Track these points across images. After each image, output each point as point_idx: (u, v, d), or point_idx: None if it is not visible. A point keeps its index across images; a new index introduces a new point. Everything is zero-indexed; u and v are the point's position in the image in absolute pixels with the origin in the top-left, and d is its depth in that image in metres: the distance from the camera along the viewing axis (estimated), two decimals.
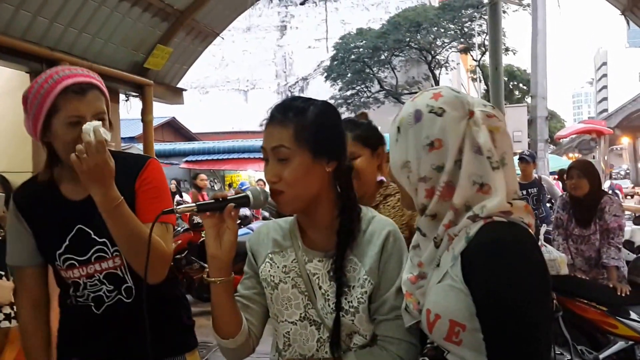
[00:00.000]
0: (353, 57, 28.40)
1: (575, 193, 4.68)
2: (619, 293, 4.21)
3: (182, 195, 13.21)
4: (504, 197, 1.28)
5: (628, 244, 7.04)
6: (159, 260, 1.81)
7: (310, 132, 1.48)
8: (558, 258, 4.38)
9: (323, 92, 27.24)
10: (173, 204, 1.91)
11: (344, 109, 26.85)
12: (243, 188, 12.80)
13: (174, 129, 25.62)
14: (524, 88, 38.93)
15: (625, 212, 6.58)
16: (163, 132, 23.39)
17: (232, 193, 1.54)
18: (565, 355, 4.13)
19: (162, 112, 14.58)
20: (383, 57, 28.39)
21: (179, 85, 7.78)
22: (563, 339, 4.11)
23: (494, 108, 1.38)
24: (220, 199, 1.46)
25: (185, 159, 17.96)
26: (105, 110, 1.82)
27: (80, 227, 1.86)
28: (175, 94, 7.70)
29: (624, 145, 32.31)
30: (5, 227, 3.38)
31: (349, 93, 29.29)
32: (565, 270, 4.45)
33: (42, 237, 1.90)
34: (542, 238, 4.97)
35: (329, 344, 1.51)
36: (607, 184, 12.79)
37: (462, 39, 28.82)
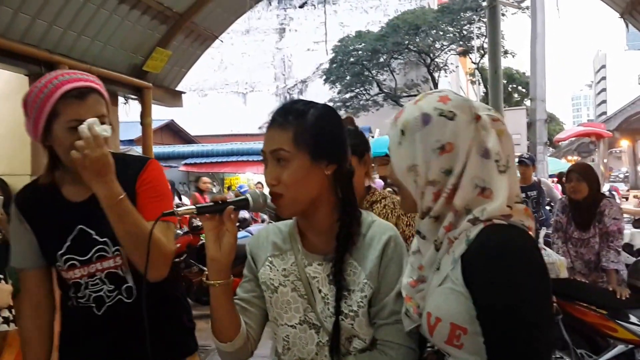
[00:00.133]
0: (352, 59, 28.48)
1: (575, 196, 4.68)
2: (619, 296, 4.21)
3: (181, 198, 13.15)
4: (505, 200, 1.28)
5: (627, 247, 7.05)
6: (161, 257, 1.82)
7: (310, 135, 1.48)
8: (557, 261, 4.38)
9: (322, 94, 27.29)
10: (174, 204, 1.91)
11: (343, 112, 26.82)
12: (242, 191, 12.80)
13: (173, 132, 25.58)
14: (523, 91, 39.05)
15: (625, 215, 6.59)
16: (162, 134, 23.35)
17: (231, 196, 1.54)
18: (565, 359, 4.13)
19: (160, 114, 14.55)
20: (382, 59, 28.47)
21: (178, 88, 7.77)
22: (563, 343, 4.11)
23: (496, 111, 1.39)
24: (220, 202, 1.46)
25: (184, 162, 17.93)
26: (106, 113, 1.83)
27: (82, 227, 1.87)
28: (174, 97, 7.69)
29: (624, 148, 32.26)
30: (4, 230, 3.38)
31: (348, 96, 29.36)
32: (565, 274, 4.45)
33: (43, 238, 1.91)
34: (541, 241, 4.97)
35: (329, 348, 1.51)
36: (606, 187, 12.79)
37: (461, 42, 28.91)
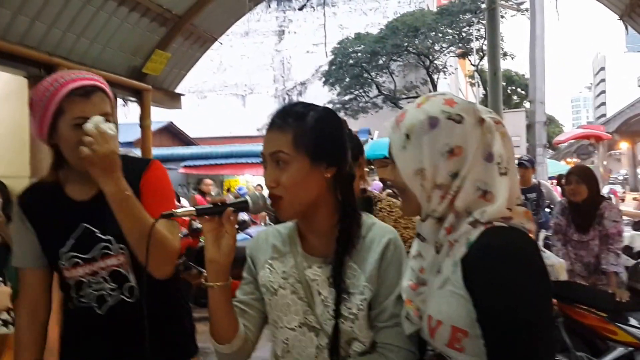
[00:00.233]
0: (351, 61, 28.46)
1: (574, 199, 4.68)
2: (619, 299, 4.21)
3: (179, 200, 13.11)
4: (504, 202, 1.28)
5: (627, 250, 7.04)
6: (167, 255, 1.83)
7: (309, 137, 1.47)
8: (557, 264, 4.38)
9: (321, 96, 27.25)
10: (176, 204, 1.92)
11: (342, 114, 26.82)
12: (241, 193, 12.79)
13: (172, 134, 25.55)
14: (523, 93, 39.11)
15: (624, 217, 6.58)
16: (161, 136, 23.31)
17: (230, 198, 1.54)
18: None
19: (159, 116, 14.55)
20: (381, 61, 28.45)
21: (177, 90, 7.76)
22: (563, 346, 4.10)
23: (495, 114, 1.39)
24: (220, 204, 1.46)
25: (183, 164, 17.91)
26: (110, 112, 1.85)
27: (85, 225, 1.88)
28: (173, 99, 7.69)
29: (623, 150, 32.30)
30: (2, 232, 3.38)
31: (347, 98, 29.33)
32: (565, 276, 4.45)
33: (46, 236, 1.91)
34: (541, 244, 4.96)
35: (328, 351, 1.50)
36: (606, 189, 12.81)
37: (460, 44, 28.91)
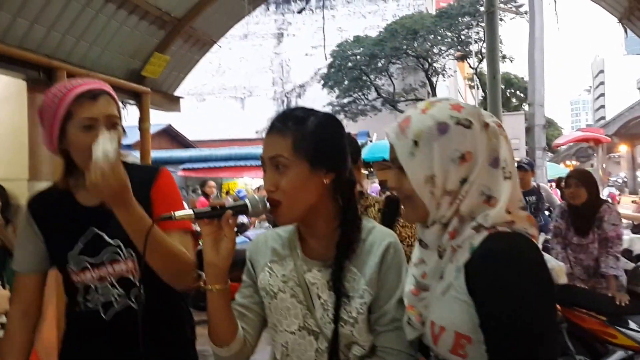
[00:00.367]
0: (350, 64, 28.49)
1: (574, 202, 4.68)
2: (618, 302, 4.20)
3: None
4: (505, 206, 1.28)
5: (627, 253, 7.05)
6: (184, 269, 1.84)
7: (309, 142, 1.46)
8: (557, 267, 4.36)
9: (320, 99, 27.30)
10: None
11: (341, 117, 26.86)
12: (240, 195, 12.78)
13: (171, 137, 25.54)
14: (522, 96, 39.16)
15: (624, 220, 6.58)
16: (160, 139, 23.30)
17: (229, 201, 1.53)
18: None
19: (158, 119, 14.55)
20: (380, 64, 28.48)
21: (176, 93, 7.76)
22: (564, 349, 4.10)
23: (496, 118, 1.39)
24: (219, 207, 1.45)
25: (182, 167, 17.88)
26: (117, 114, 1.85)
27: (94, 230, 1.88)
28: (172, 102, 7.68)
29: (622, 153, 32.36)
30: (1, 235, 3.38)
31: (346, 100, 29.36)
32: (564, 280, 4.44)
33: (54, 239, 1.92)
34: (540, 247, 4.95)
35: (327, 355, 1.50)
36: (605, 192, 12.81)
37: (459, 47, 28.96)
